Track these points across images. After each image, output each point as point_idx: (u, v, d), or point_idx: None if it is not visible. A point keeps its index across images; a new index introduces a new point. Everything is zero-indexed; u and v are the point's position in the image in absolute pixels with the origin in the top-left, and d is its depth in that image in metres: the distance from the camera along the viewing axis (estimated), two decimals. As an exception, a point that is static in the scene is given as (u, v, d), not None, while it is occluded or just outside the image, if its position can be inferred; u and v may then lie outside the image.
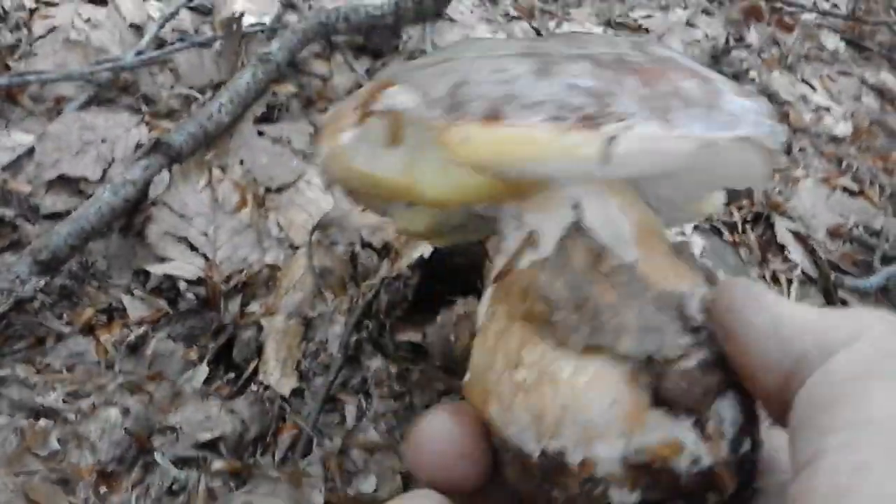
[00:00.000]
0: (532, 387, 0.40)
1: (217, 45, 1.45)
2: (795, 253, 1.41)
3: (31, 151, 1.20)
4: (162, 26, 1.46)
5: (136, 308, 1.06)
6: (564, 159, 0.40)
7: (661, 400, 0.38)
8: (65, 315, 1.04)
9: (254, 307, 1.08)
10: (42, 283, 1.01)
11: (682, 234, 1.37)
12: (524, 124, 0.40)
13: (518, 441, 0.40)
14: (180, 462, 0.89)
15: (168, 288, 1.09)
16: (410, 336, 1.04)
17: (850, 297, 1.36)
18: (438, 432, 0.43)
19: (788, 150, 1.75)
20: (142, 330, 1.04)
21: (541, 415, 0.39)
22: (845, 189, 1.65)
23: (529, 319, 0.41)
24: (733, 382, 0.40)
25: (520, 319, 0.42)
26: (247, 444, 0.94)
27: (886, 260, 1.43)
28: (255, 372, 1.02)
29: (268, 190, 1.24)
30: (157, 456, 0.89)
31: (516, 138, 0.40)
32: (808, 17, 2.34)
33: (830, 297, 1.36)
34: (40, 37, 1.39)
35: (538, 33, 1.81)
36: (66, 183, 1.18)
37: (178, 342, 1.04)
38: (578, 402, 0.39)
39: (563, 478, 0.39)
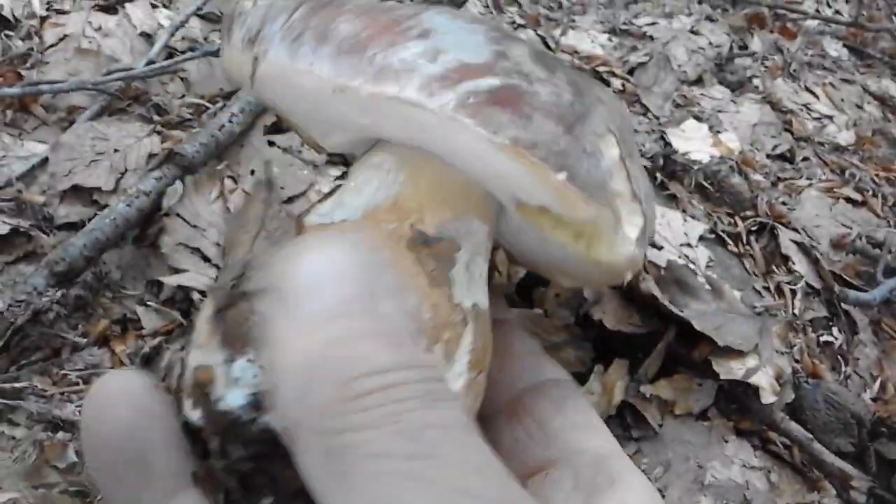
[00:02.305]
0: None
1: (227, 53, 1.45)
2: (800, 264, 1.43)
3: (44, 161, 1.21)
4: (172, 34, 1.47)
5: (150, 319, 1.08)
6: (237, 74, 0.44)
7: None
8: (80, 326, 1.05)
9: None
10: (58, 294, 1.02)
11: (689, 245, 1.39)
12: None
13: None
14: (197, 476, 0.90)
15: (181, 299, 1.10)
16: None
17: (854, 310, 1.37)
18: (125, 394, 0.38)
19: (791, 160, 1.77)
20: (156, 341, 1.05)
21: None
22: (848, 199, 1.66)
23: None
24: None
25: None
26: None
27: (889, 271, 1.44)
28: (269, 384, 1.03)
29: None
30: (175, 469, 0.90)
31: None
32: (810, 23, 2.35)
33: (834, 309, 1.38)
34: (51, 45, 1.40)
35: (544, 41, 1.82)
36: (79, 193, 1.19)
37: (192, 354, 1.05)
38: None
39: None
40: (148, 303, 1.09)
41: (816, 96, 2.04)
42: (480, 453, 0.32)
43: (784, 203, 1.58)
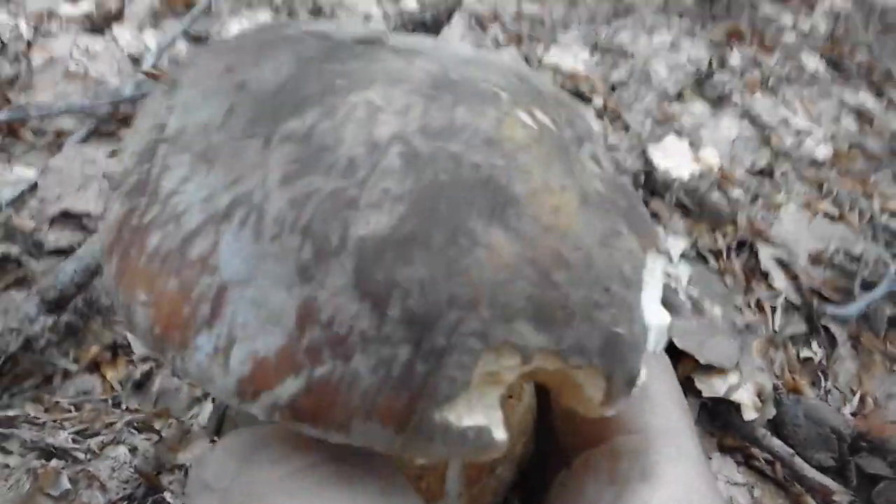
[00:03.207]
0: None
1: (214, 75, 1.46)
2: (779, 280, 1.45)
3: (33, 187, 1.22)
4: (159, 57, 1.48)
5: (140, 344, 1.09)
6: None
7: None
8: (71, 352, 1.06)
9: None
10: (50, 321, 1.03)
11: (670, 262, 1.41)
12: None
13: None
14: (191, 502, 0.92)
15: (172, 323, 1.11)
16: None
17: (833, 324, 1.40)
18: None
19: (770, 175, 1.80)
20: (147, 366, 1.06)
21: None
22: (826, 214, 1.69)
23: None
24: None
25: None
26: (253, 482, 0.96)
27: (866, 286, 1.47)
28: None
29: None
30: (168, 495, 0.91)
31: None
32: (788, 38, 2.39)
33: (813, 324, 1.40)
34: (39, 69, 1.41)
35: (527, 59, 1.84)
36: (69, 218, 1.19)
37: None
38: None
39: None
40: (138, 328, 1.10)
41: (794, 111, 2.07)
42: None
43: (763, 218, 1.61)
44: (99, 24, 1.55)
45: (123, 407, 1.02)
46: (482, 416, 0.30)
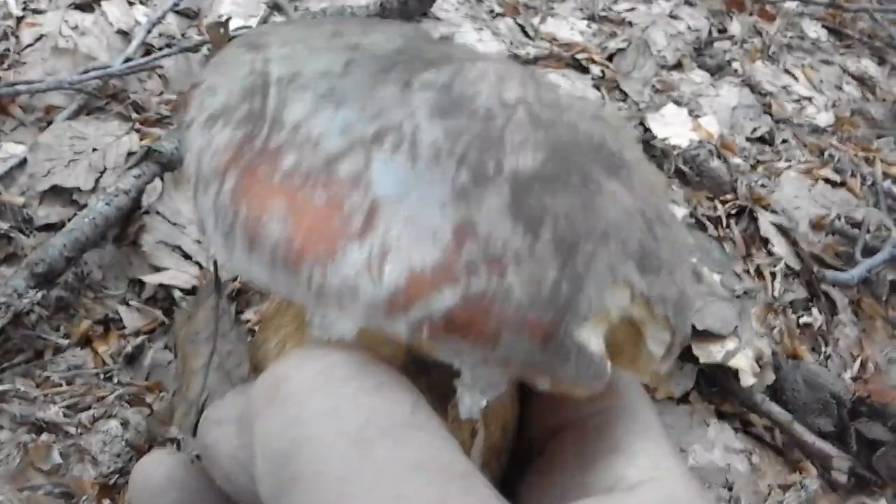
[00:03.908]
0: None
1: (205, 49, 1.45)
2: (779, 246, 1.44)
3: (22, 162, 1.21)
4: (149, 31, 1.46)
5: (132, 318, 1.08)
6: None
7: None
8: (62, 327, 1.06)
9: (248, 315, 1.10)
10: (39, 295, 1.02)
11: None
12: None
13: None
14: (182, 473, 0.91)
15: (163, 297, 1.11)
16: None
17: (833, 290, 1.39)
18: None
19: (771, 142, 1.78)
20: (139, 340, 1.05)
21: None
22: (827, 180, 1.68)
23: None
24: None
25: None
26: (246, 453, 0.96)
27: (867, 251, 1.45)
28: (252, 380, 1.03)
29: (259, 196, 1.25)
30: (159, 467, 0.91)
31: None
32: (789, 5, 2.36)
33: (813, 290, 1.39)
34: (28, 45, 1.40)
35: (523, 30, 1.82)
36: (59, 193, 1.19)
37: (175, 352, 1.05)
38: None
39: None
40: (130, 302, 1.10)
41: (795, 78, 2.05)
42: (423, 450, 0.30)
43: (763, 186, 1.59)
44: (88, -1, 1.53)
45: (115, 381, 1.01)
46: (601, 345, 0.33)
